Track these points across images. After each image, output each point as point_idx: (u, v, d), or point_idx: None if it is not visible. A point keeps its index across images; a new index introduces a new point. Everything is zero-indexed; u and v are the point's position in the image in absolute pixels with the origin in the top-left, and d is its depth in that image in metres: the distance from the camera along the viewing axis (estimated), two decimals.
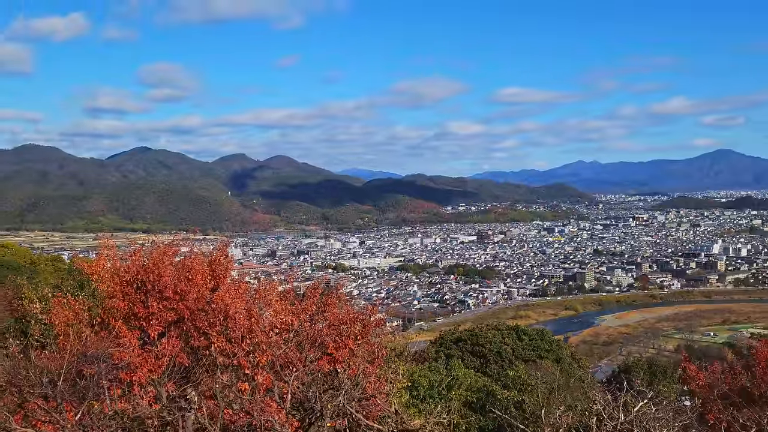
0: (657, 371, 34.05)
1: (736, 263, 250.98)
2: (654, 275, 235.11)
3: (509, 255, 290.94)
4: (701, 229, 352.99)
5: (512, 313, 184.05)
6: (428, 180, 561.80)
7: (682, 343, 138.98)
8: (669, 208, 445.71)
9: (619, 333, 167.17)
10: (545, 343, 39.04)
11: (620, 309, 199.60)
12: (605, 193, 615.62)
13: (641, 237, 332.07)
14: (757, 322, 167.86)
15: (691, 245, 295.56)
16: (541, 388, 21.52)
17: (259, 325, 13.72)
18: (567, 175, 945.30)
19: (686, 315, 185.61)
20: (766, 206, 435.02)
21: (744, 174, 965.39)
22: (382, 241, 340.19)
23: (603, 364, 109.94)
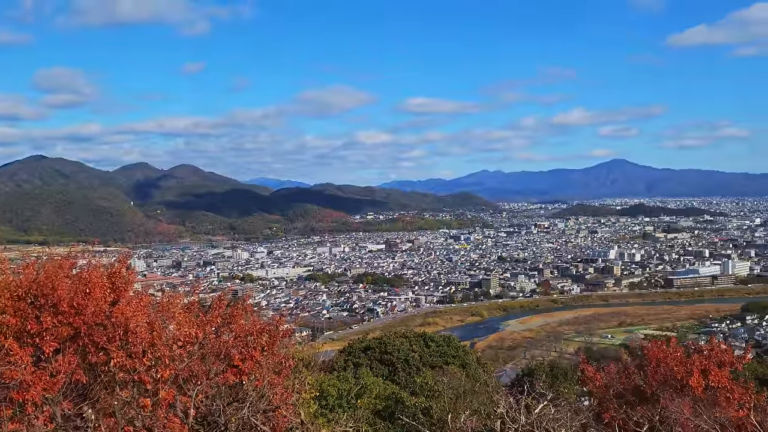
0: (558, 373, 35.20)
1: (630, 268, 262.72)
2: (555, 280, 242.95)
3: (417, 263, 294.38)
4: (598, 236, 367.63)
5: (420, 320, 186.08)
6: (337, 189, 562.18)
7: (582, 346, 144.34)
8: (568, 215, 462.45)
9: (523, 337, 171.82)
10: (452, 349, 39.64)
11: (524, 314, 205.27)
12: (509, 201, 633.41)
13: (543, 244, 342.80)
14: (650, 324, 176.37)
15: (589, 251, 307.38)
16: (447, 394, 21.88)
17: (162, 338, 13.35)
18: (472, 184, 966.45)
19: (585, 318, 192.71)
20: (658, 213, 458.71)
21: (637, 183, 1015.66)
22: (290, 250, 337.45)
23: (508, 368, 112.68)
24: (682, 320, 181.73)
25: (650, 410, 16.72)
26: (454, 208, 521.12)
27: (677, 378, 17.92)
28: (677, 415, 15.49)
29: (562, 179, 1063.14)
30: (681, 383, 17.90)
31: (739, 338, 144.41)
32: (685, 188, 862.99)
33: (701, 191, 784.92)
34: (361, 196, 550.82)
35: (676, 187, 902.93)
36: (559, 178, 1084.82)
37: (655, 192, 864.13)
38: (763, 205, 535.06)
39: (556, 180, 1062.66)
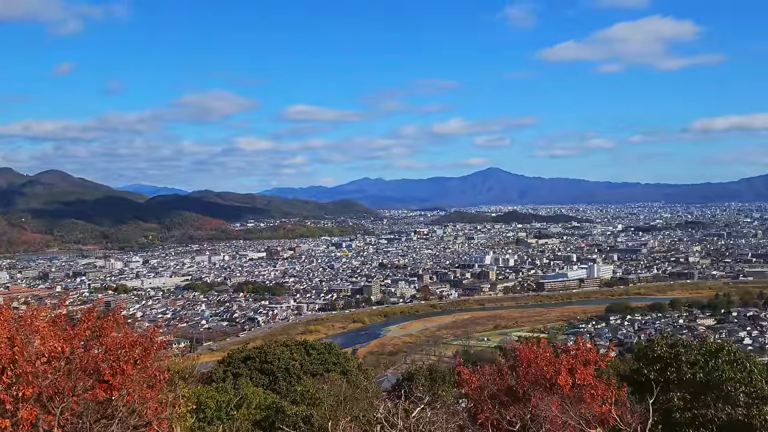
0: (437, 377, 35.97)
1: (505, 272, 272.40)
2: (434, 286, 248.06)
3: (299, 270, 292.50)
4: (475, 242, 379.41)
5: (302, 328, 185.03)
6: (216, 196, 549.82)
7: (460, 349, 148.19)
8: (447, 222, 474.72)
9: (404, 342, 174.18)
10: (333, 357, 39.73)
11: (404, 319, 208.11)
12: (390, 208, 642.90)
13: (422, 250, 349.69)
14: (523, 326, 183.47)
15: (466, 257, 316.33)
16: (328, 401, 21.89)
17: (24, 354, 12.57)
18: (353, 191, 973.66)
19: (463, 322, 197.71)
20: (530, 220, 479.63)
21: (511, 190, 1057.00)
22: (167, 259, 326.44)
23: (389, 374, 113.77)
24: (553, 322, 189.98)
25: (522, 409, 17.41)
26: (336, 216, 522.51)
27: (547, 377, 18.76)
28: (546, 412, 16.23)
29: (441, 187, 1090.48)
30: (550, 382, 18.74)
31: (603, 337, 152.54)
32: (555, 196, 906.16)
33: (569, 199, 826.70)
34: (242, 203, 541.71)
35: (546, 195, 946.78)
36: (438, 185, 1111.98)
37: (527, 199, 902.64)
38: (624, 212, 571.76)
39: (435, 187, 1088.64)
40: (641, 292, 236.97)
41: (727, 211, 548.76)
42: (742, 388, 19.98)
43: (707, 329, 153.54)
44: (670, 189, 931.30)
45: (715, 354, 21.63)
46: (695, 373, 21.27)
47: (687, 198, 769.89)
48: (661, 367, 22.09)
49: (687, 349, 22.21)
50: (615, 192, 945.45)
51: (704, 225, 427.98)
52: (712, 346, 22.30)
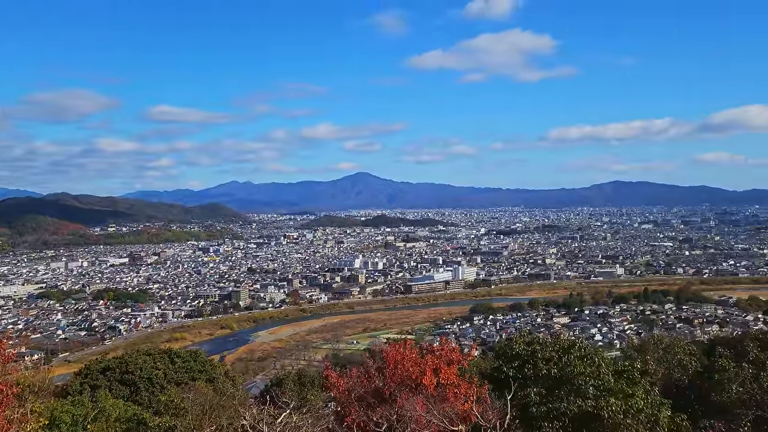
0: (306, 381, 35.88)
1: (374, 276, 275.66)
2: (304, 290, 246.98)
3: (164, 276, 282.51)
4: (345, 246, 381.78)
5: (167, 335, 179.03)
6: (74, 199, 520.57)
7: (330, 353, 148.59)
8: (317, 226, 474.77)
9: (273, 348, 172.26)
10: (198, 364, 38.73)
11: (274, 324, 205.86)
12: (259, 212, 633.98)
13: (292, 254, 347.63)
14: (392, 328, 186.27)
15: (336, 261, 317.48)
16: (193, 411, 21.33)
17: None
18: (221, 195, 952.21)
19: (333, 326, 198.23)
20: (398, 224, 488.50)
21: (379, 195, 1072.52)
22: (19, 266, 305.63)
23: (258, 380, 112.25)
24: (420, 323, 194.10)
25: (389, 410, 17.76)
26: (203, 220, 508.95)
27: (412, 378, 19.25)
28: (412, 412, 16.66)
29: (311, 191, 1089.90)
30: (416, 382, 19.24)
31: (468, 337, 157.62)
32: (422, 200, 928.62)
33: (436, 203, 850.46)
34: (102, 206, 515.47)
35: (414, 200, 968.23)
36: (307, 189, 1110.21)
37: (395, 204, 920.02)
38: (487, 216, 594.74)
39: (304, 192, 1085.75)
40: (503, 292, 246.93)
41: (580, 215, 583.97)
42: (591, 382, 21.35)
43: (562, 327, 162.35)
44: (529, 194, 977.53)
45: (568, 350, 22.96)
46: (550, 368, 22.47)
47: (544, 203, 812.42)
48: (520, 364, 23.18)
49: (543, 347, 23.43)
50: (478, 197, 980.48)
51: (560, 228, 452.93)
52: (565, 343, 23.66)
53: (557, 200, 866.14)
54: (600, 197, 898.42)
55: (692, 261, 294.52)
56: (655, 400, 19.97)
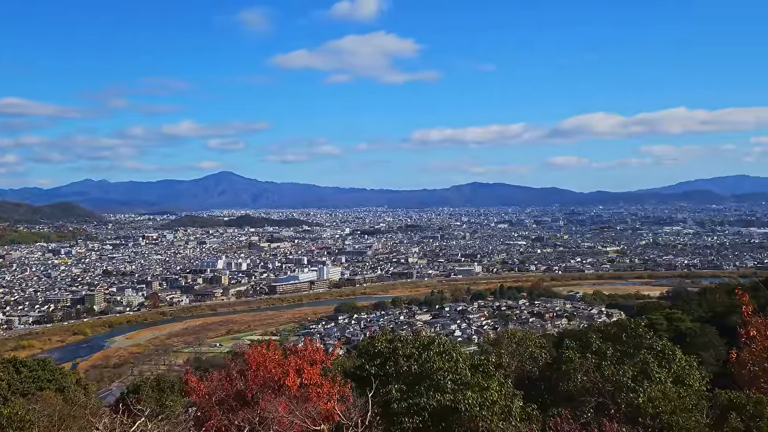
0: (165, 387, 34.72)
1: (238, 277, 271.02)
2: (164, 293, 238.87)
3: (9, 280, 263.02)
4: (207, 246, 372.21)
5: (13, 343, 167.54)
6: None
7: (192, 357, 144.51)
8: (178, 226, 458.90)
9: (131, 353, 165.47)
10: (47, 373, 36.57)
11: (132, 329, 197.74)
12: (115, 212, 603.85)
13: (152, 256, 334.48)
14: (256, 330, 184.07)
15: (198, 262, 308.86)
16: (41, 423, 20.17)
17: None
18: (74, 193, 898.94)
19: (195, 329, 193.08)
20: (262, 224, 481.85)
21: (243, 194, 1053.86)
22: None
23: (114, 387, 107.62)
24: (285, 324, 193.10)
25: (250, 413, 17.59)
26: (54, 220, 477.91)
27: (275, 379, 19.16)
28: (274, 414, 16.59)
29: (172, 190, 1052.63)
30: (279, 384, 19.17)
31: (332, 336, 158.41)
32: (287, 200, 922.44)
33: (301, 203, 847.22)
34: None
35: (278, 200, 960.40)
36: (168, 188, 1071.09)
37: (260, 204, 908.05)
38: (352, 216, 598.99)
39: (165, 191, 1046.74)
40: (367, 291, 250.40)
41: (441, 215, 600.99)
42: (449, 377, 22.14)
43: (424, 324, 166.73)
44: (392, 195, 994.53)
45: (428, 347, 23.67)
46: (411, 365, 23.09)
47: (407, 203, 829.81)
48: (382, 361, 23.64)
49: (404, 344, 24.01)
50: (344, 197, 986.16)
51: (422, 228, 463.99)
52: (425, 340, 24.37)
53: (419, 200, 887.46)
54: (459, 198, 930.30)
55: (544, 258, 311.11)
56: (508, 392, 20.99)
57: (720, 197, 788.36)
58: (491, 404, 19.50)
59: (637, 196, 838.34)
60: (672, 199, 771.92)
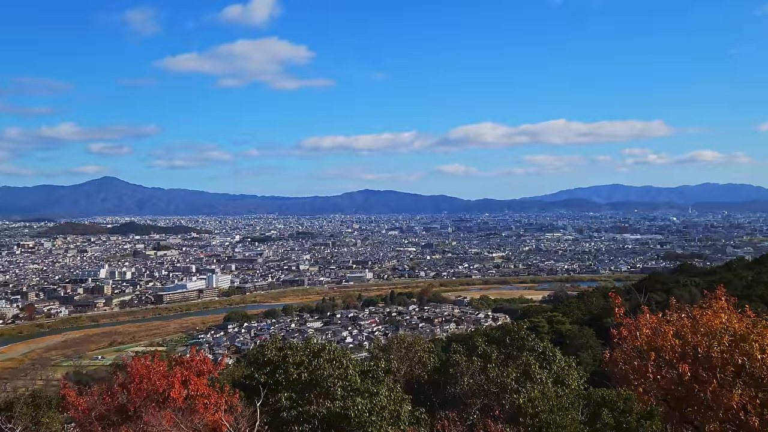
0: (41, 403, 32.95)
1: (121, 286, 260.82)
2: (42, 304, 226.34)
3: None
4: (89, 255, 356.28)
5: None
6: None
7: (71, 370, 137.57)
8: (56, 234, 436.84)
9: (4, 368, 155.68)
10: None
11: (5, 342, 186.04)
12: None
13: (27, 265, 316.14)
14: (141, 341, 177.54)
15: (78, 271, 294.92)
16: None
17: None
18: None
19: (75, 341, 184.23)
20: (148, 231, 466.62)
21: (128, 201, 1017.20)
22: None
23: None
24: (172, 334, 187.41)
25: (133, 427, 17.03)
26: None
27: (160, 391, 18.61)
28: (158, 428, 16.12)
29: (50, 196, 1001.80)
30: (164, 396, 18.63)
31: (222, 346, 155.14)
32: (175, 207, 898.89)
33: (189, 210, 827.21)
34: None
35: (166, 206, 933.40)
36: (46, 194, 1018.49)
37: (146, 210, 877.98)
38: (242, 223, 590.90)
39: (43, 196, 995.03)
40: (258, 299, 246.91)
41: (333, 222, 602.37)
42: (339, 383, 22.26)
43: (316, 331, 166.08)
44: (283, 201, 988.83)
45: (318, 354, 23.69)
46: (301, 373, 23.04)
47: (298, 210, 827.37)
48: (271, 369, 23.46)
49: (294, 351, 23.92)
50: (234, 203, 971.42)
51: (313, 235, 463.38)
52: (315, 347, 24.37)
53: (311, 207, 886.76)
54: (351, 205, 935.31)
55: (433, 265, 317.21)
56: (397, 397, 21.27)
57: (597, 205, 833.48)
58: (380, 410, 19.70)
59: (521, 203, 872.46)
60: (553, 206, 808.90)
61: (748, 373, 13.92)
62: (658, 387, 15.24)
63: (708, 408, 14.12)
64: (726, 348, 14.24)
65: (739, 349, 14.07)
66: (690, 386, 14.52)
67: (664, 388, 15.18)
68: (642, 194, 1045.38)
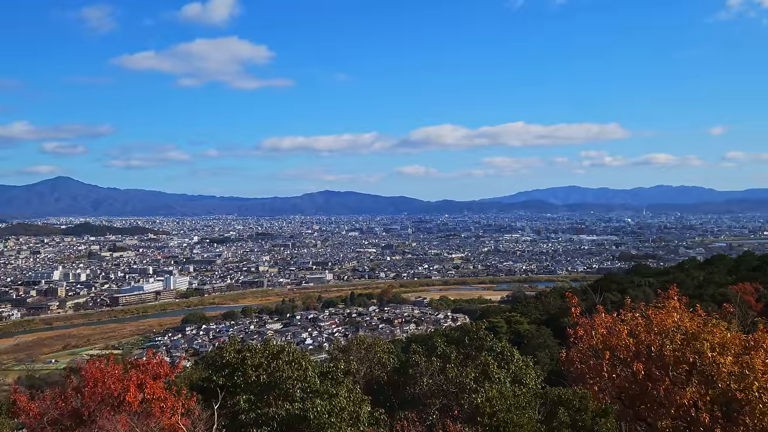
0: None
1: (76, 288, 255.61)
2: None
3: None
4: (42, 256, 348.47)
5: None
6: None
7: (23, 374, 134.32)
8: (9, 235, 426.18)
9: None
10: None
11: None
12: None
13: None
14: (96, 344, 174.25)
15: (31, 273, 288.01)
16: None
17: None
18: None
19: (27, 345, 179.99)
20: (104, 232, 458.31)
21: (83, 201, 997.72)
22: None
23: None
24: (128, 337, 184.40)
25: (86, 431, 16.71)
26: None
27: (114, 395, 18.29)
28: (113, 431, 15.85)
29: (2, 196, 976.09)
30: (118, 400, 18.32)
31: (179, 348, 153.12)
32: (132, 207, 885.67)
33: (147, 211, 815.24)
34: None
35: (122, 207, 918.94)
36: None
37: (101, 211, 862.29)
38: (201, 224, 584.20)
39: None
40: (216, 301, 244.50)
41: (293, 223, 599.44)
42: (299, 385, 22.16)
43: (275, 333, 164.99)
44: (242, 202, 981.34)
45: (277, 356, 23.55)
46: (260, 375, 22.87)
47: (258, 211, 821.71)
48: (230, 372, 23.24)
49: (253, 353, 23.73)
50: (192, 204, 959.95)
51: (273, 236, 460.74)
52: (274, 349, 24.21)
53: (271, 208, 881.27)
54: (311, 206, 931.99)
55: (393, 266, 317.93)
56: (356, 398, 21.27)
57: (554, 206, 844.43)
58: (340, 411, 19.67)
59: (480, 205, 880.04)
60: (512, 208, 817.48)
61: (699, 371, 14.26)
62: (613, 385, 15.51)
63: (661, 405, 14.42)
64: (678, 346, 14.56)
65: (690, 348, 14.41)
66: (643, 384, 14.82)
67: (619, 387, 15.46)
68: (598, 196, 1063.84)
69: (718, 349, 14.23)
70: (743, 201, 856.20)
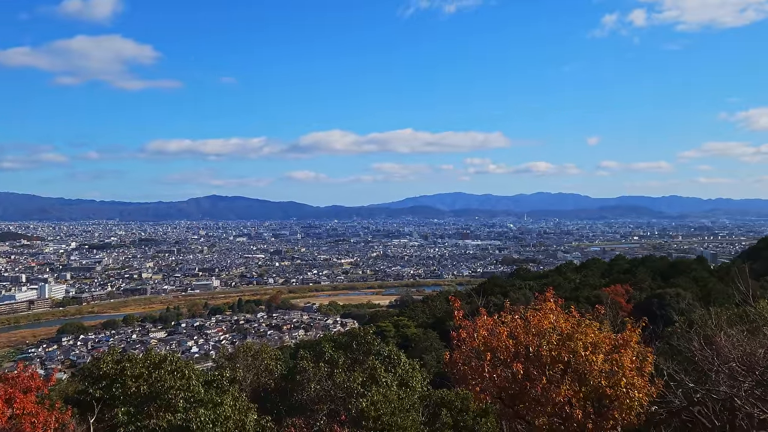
0: None
1: None
2: None
3: None
4: None
5: None
6: None
7: None
8: None
9: None
10: None
11: None
12: None
13: None
14: None
15: None
16: None
17: None
18: None
19: None
20: None
21: None
22: None
23: None
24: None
25: None
26: None
27: None
28: None
29: None
30: None
31: (55, 360, 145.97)
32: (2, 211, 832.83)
33: (19, 215, 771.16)
34: None
35: None
36: None
37: None
38: (79, 229, 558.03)
39: None
40: (96, 310, 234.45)
41: (178, 228, 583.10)
42: (182, 395, 21.56)
43: (159, 342, 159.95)
44: (125, 207, 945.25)
45: (159, 365, 22.81)
46: (140, 385, 22.08)
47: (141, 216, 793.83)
48: (108, 383, 22.30)
49: (133, 363, 22.86)
50: (69, 209, 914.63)
51: (157, 242, 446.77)
52: (156, 358, 23.43)
53: (155, 213, 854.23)
54: (197, 211, 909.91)
55: (282, 271, 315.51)
56: (242, 406, 20.92)
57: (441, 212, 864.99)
58: (224, 420, 19.29)
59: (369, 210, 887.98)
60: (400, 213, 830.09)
61: (573, 370, 15.00)
62: (494, 385, 16.04)
63: (538, 403, 15.05)
64: (554, 346, 15.26)
65: (565, 348, 15.14)
66: (522, 384, 15.43)
67: (499, 387, 16.01)
68: (482, 202, 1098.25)
69: (591, 348, 15.04)
70: (616, 208, 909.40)
